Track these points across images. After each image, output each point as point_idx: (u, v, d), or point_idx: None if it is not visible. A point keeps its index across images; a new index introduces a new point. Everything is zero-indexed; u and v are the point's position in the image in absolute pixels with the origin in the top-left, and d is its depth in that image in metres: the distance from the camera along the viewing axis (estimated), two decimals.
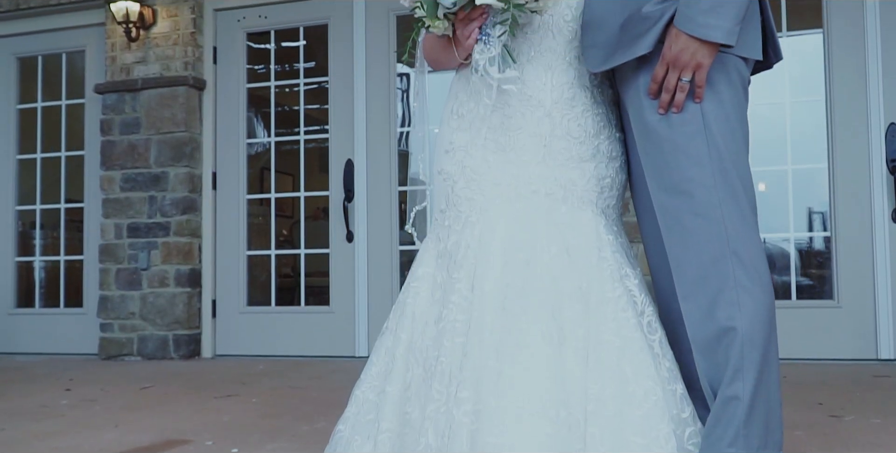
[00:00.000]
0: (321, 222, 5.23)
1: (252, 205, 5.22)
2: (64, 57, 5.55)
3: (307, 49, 5.17)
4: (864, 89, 4.09)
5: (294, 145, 5.14)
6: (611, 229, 1.78)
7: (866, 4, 4.11)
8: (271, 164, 5.20)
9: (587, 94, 1.78)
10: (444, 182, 1.82)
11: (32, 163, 5.62)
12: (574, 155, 1.76)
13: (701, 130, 1.58)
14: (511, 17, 1.56)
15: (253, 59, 5.26)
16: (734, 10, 1.50)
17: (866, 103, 4.09)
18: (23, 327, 5.50)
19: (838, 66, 4.14)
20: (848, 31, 4.14)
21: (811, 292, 4.34)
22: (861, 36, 4.12)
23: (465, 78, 1.83)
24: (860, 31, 4.12)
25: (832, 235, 4.13)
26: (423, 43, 1.83)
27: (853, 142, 4.11)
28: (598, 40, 1.68)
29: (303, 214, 5.16)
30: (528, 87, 1.75)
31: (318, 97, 5.28)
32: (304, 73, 5.12)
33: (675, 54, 1.55)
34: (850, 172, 4.11)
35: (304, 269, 5.07)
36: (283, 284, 5.48)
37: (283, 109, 5.38)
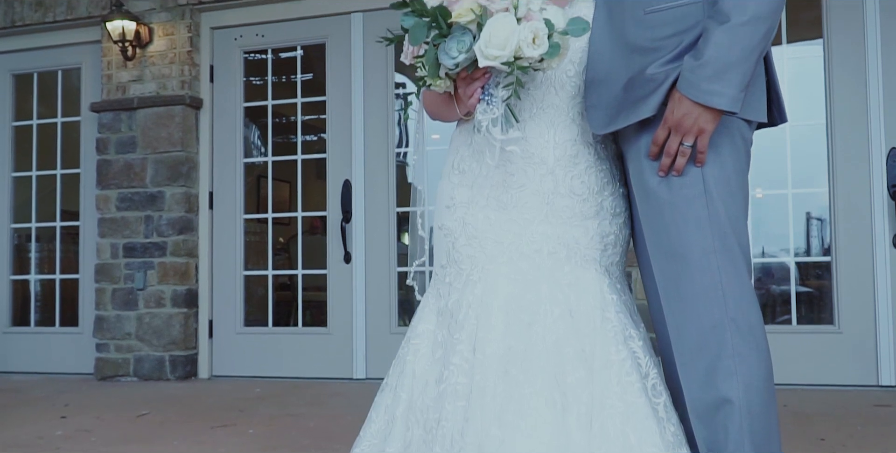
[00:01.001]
0: (318, 237, 5.17)
1: (249, 223, 5.19)
2: (60, 74, 5.52)
3: (304, 68, 5.14)
4: (865, 113, 4.07)
5: (291, 166, 5.10)
6: (614, 288, 1.75)
7: (867, 27, 4.09)
8: (269, 181, 5.15)
9: (590, 151, 1.75)
10: (444, 237, 1.79)
11: (28, 181, 5.59)
12: (577, 212, 1.73)
13: (701, 194, 1.55)
14: (515, 80, 1.53)
15: (249, 78, 5.22)
16: (739, 77, 1.47)
17: (867, 128, 4.07)
18: (18, 346, 5.46)
19: (839, 90, 4.12)
20: (849, 55, 4.12)
21: (811, 317, 4.31)
22: (862, 59, 4.10)
23: (466, 132, 1.80)
24: (861, 55, 4.10)
25: (833, 260, 4.10)
26: (423, 96, 1.80)
27: (854, 166, 4.09)
28: (601, 100, 1.66)
29: (300, 234, 5.12)
30: (530, 145, 1.72)
31: (315, 116, 5.25)
32: (301, 93, 5.09)
33: (678, 119, 1.52)
34: (851, 197, 4.09)
35: (302, 289, 5.04)
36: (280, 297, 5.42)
37: (281, 128, 5.35)
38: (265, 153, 5.17)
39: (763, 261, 4.38)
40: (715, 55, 1.46)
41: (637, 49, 1.62)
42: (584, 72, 1.73)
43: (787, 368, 3.79)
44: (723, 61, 1.46)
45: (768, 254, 4.38)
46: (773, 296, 4.40)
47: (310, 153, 5.15)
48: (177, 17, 5.07)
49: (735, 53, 1.45)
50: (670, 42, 1.58)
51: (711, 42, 1.47)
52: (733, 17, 1.45)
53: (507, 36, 1.49)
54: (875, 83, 4.07)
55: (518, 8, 1.52)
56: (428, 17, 1.56)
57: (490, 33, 1.50)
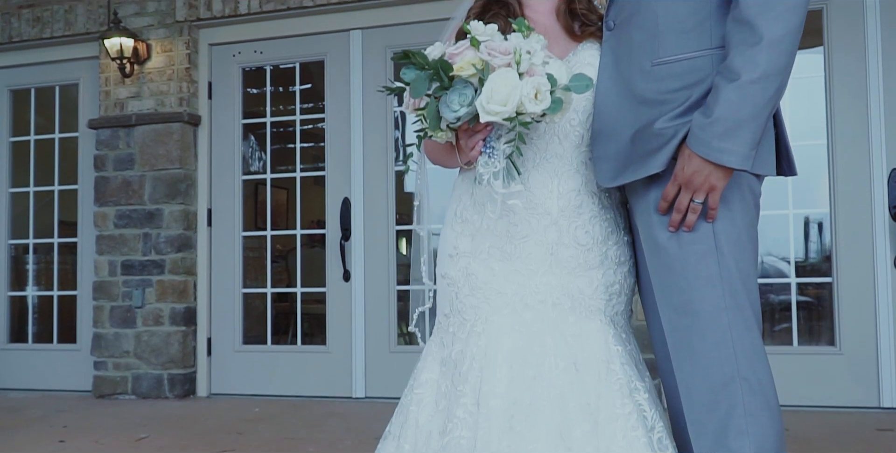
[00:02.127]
0: (317, 250, 5.13)
1: (248, 238, 5.16)
2: (57, 90, 5.50)
3: (303, 84, 5.12)
4: (867, 134, 4.06)
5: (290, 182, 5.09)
6: (619, 338, 1.73)
7: (868, 48, 4.08)
8: (267, 198, 5.13)
9: (595, 201, 1.74)
10: (447, 287, 1.78)
11: (25, 197, 5.56)
12: (582, 262, 1.72)
13: (712, 250, 1.53)
14: (517, 135, 1.51)
15: (248, 95, 5.20)
16: (750, 135, 1.45)
17: (868, 149, 4.06)
18: (15, 363, 5.44)
19: (840, 111, 4.11)
20: (850, 76, 4.10)
21: (812, 338, 4.30)
22: (863, 80, 4.08)
23: (468, 180, 1.78)
24: (862, 75, 4.08)
25: (834, 281, 4.09)
26: (424, 144, 1.79)
27: (855, 187, 4.07)
28: (608, 152, 1.64)
29: (299, 252, 5.09)
30: (534, 195, 1.70)
31: (314, 133, 5.23)
32: (300, 110, 5.07)
33: (688, 176, 1.50)
34: (852, 218, 4.07)
35: (301, 307, 5.02)
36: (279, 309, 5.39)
37: (280, 145, 5.32)
38: (264, 170, 5.14)
39: (763, 281, 4.36)
40: (725, 113, 1.44)
41: (644, 101, 1.60)
42: (589, 120, 1.72)
43: (788, 389, 3.76)
44: (733, 119, 1.44)
45: (768, 274, 4.36)
46: (773, 316, 4.39)
47: (309, 170, 5.13)
48: (175, 33, 5.04)
49: (745, 111, 1.44)
50: (679, 95, 1.56)
51: (721, 99, 1.45)
52: (743, 74, 1.43)
53: (510, 92, 1.47)
54: (876, 104, 4.05)
55: (520, 63, 1.50)
56: (429, 70, 1.54)
57: (492, 89, 1.48)
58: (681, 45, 1.58)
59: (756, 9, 1.43)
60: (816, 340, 4.29)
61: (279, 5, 4.85)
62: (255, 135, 5.27)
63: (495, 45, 1.52)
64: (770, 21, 1.42)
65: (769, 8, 1.43)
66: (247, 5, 4.91)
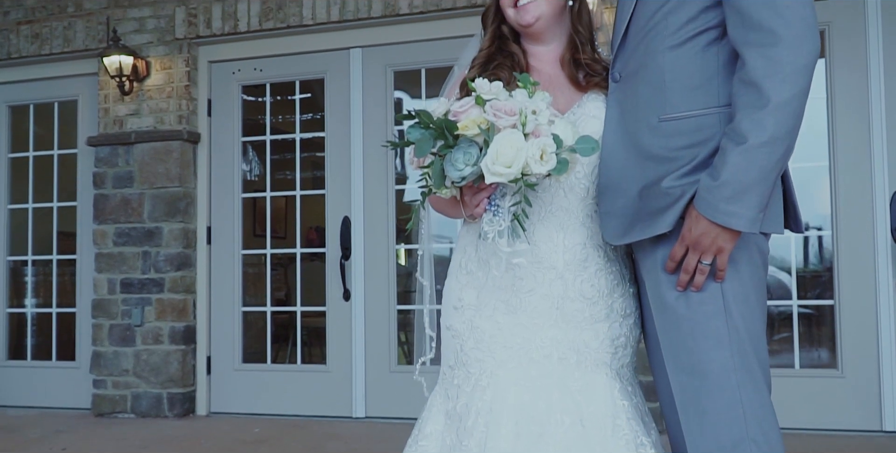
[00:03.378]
0: (318, 263, 5.09)
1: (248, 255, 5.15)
2: (56, 106, 5.47)
3: (303, 102, 5.10)
4: (869, 157, 4.05)
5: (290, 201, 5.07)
6: (625, 392, 1.72)
7: (870, 71, 4.07)
8: (267, 216, 5.12)
9: (600, 254, 1.73)
10: (452, 339, 1.77)
11: (24, 213, 5.54)
12: (587, 316, 1.71)
13: (721, 311, 1.52)
14: (522, 198, 1.50)
15: (248, 112, 5.18)
16: (757, 199, 1.44)
17: (870, 171, 4.04)
18: (14, 380, 5.42)
19: (842, 133, 4.10)
20: (852, 98, 4.09)
21: (814, 361, 4.29)
22: (865, 103, 4.07)
23: (472, 232, 1.77)
24: (864, 98, 4.07)
25: (836, 303, 4.08)
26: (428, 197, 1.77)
27: (856, 210, 4.06)
28: (615, 207, 1.63)
29: (299, 271, 5.07)
30: (539, 249, 1.69)
31: (314, 152, 5.22)
32: (300, 128, 5.05)
33: (696, 238, 1.49)
34: (854, 240, 4.06)
35: (301, 326, 5.00)
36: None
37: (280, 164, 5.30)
38: (264, 188, 5.12)
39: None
40: (732, 177, 1.43)
41: (651, 156, 1.59)
42: (595, 173, 1.71)
43: (790, 412, 3.75)
44: (740, 183, 1.43)
45: (771, 297, 4.35)
46: (775, 339, 4.37)
47: (308, 188, 5.11)
48: (174, 50, 5.03)
49: (753, 175, 1.43)
50: (685, 153, 1.55)
51: (729, 163, 1.44)
52: (751, 137, 1.42)
53: (515, 154, 1.46)
54: (878, 125, 4.04)
55: (526, 124, 1.49)
56: (434, 129, 1.53)
57: (497, 150, 1.47)
58: (688, 101, 1.57)
59: (763, 71, 1.42)
60: (819, 363, 4.27)
61: (279, 23, 4.83)
62: (255, 152, 5.25)
63: (501, 105, 1.50)
64: (777, 83, 1.41)
65: (776, 70, 1.42)
66: (246, 23, 4.89)
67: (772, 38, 1.42)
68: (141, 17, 5.09)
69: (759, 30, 1.44)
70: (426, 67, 4.76)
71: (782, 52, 1.41)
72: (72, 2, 5.24)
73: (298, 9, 4.79)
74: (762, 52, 1.43)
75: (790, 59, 1.41)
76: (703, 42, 1.56)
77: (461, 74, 1.87)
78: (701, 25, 1.56)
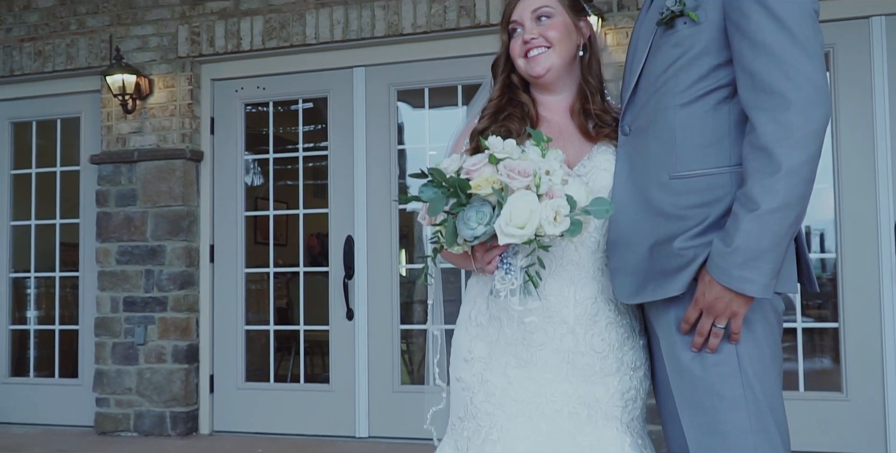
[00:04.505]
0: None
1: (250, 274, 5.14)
2: (59, 123, 5.47)
3: (306, 121, 5.10)
4: (874, 180, 4.04)
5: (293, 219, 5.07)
6: (636, 445, 1.72)
7: (875, 94, 4.07)
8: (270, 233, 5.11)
9: (611, 307, 1.72)
10: (462, 391, 1.76)
11: (27, 230, 5.54)
12: (598, 370, 1.70)
13: (736, 372, 1.52)
14: (537, 259, 1.49)
15: (251, 130, 5.18)
16: (770, 265, 1.44)
17: (875, 194, 4.04)
18: (17, 397, 5.41)
19: (846, 156, 4.09)
20: (857, 120, 4.09)
21: (818, 383, 4.28)
22: (870, 125, 4.07)
23: (482, 283, 1.76)
24: (869, 121, 4.07)
25: (840, 326, 4.07)
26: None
27: (861, 232, 4.06)
28: (626, 264, 1.62)
29: (302, 289, 5.06)
30: (550, 303, 1.68)
31: (317, 170, 5.21)
32: (303, 147, 5.05)
33: (710, 302, 1.49)
34: (859, 263, 4.05)
35: (304, 345, 5.00)
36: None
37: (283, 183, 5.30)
38: (267, 207, 5.12)
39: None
40: (745, 243, 1.43)
41: (661, 213, 1.59)
42: (605, 226, 1.70)
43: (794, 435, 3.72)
44: (753, 249, 1.43)
45: None
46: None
47: (312, 207, 5.11)
48: (177, 68, 5.02)
49: (765, 241, 1.42)
50: (697, 213, 1.54)
51: (741, 230, 1.43)
52: (763, 204, 1.42)
53: (529, 215, 1.46)
54: (883, 147, 4.04)
55: (539, 186, 1.48)
56: (447, 188, 1.53)
57: (511, 212, 1.47)
58: (699, 160, 1.56)
59: (773, 136, 1.42)
60: (823, 386, 4.26)
61: (282, 42, 4.83)
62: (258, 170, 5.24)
63: (514, 165, 1.50)
64: (788, 149, 1.41)
65: (786, 135, 1.41)
66: (249, 42, 4.88)
67: (782, 102, 1.42)
68: (144, 35, 5.09)
69: (770, 93, 1.43)
70: (429, 86, 4.76)
71: (793, 117, 1.41)
72: (75, 19, 5.23)
73: (301, 28, 4.78)
74: (772, 116, 1.42)
75: (800, 125, 1.41)
76: (714, 100, 1.56)
77: (472, 122, 1.87)
78: (712, 84, 1.55)
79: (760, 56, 1.44)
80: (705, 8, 1.53)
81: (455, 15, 4.53)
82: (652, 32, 1.63)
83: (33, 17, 5.33)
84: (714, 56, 1.54)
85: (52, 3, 5.29)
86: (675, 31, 1.57)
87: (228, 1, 4.93)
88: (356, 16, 4.69)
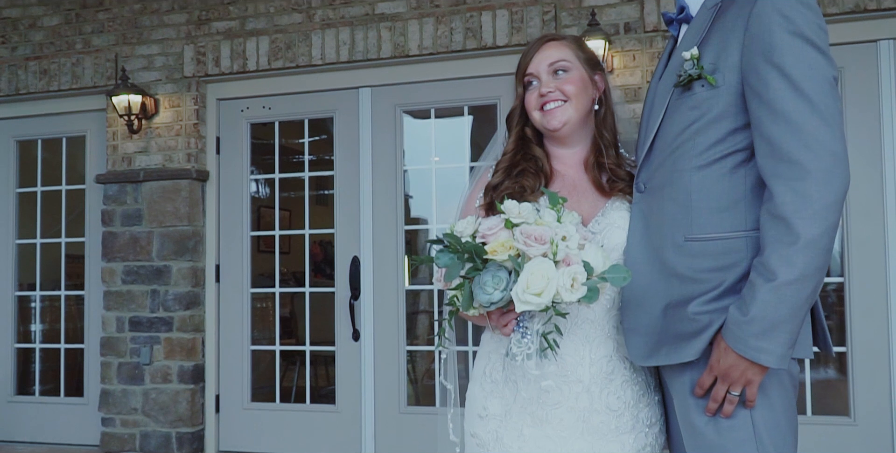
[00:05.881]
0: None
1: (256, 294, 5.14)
2: (64, 141, 5.46)
3: (312, 141, 5.09)
4: (882, 203, 4.03)
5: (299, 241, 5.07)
6: None
7: (883, 118, 4.06)
8: (276, 256, 5.11)
9: (626, 365, 1.72)
10: (477, 447, 1.76)
11: (32, 248, 5.53)
12: (613, 428, 1.70)
13: (751, 438, 1.51)
14: (554, 327, 1.49)
15: (257, 150, 5.17)
16: (787, 335, 1.43)
17: (883, 217, 4.03)
18: (23, 415, 5.41)
19: (854, 180, 4.07)
20: (864, 142, 4.08)
21: (826, 408, 4.27)
22: (878, 146, 4.06)
23: (497, 338, 1.76)
24: (877, 142, 4.06)
25: (848, 350, 4.07)
26: None
27: (869, 256, 4.05)
28: (639, 324, 1.62)
29: (308, 310, 5.05)
30: (565, 363, 1.68)
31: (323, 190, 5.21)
32: (308, 166, 5.04)
33: (725, 370, 1.48)
34: (867, 287, 4.04)
35: (310, 365, 4.99)
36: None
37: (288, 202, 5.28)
38: (273, 226, 5.11)
39: None
40: (762, 313, 1.42)
41: (676, 274, 1.58)
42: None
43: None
44: (770, 320, 1.42)
45: None
46: None
47: (317, 228, 5.10)
48: (183, 88, 5.02)
49: (783, 312, 1.41)
50: (712, 276, 1.54)
51: (758, 299, 1.42)
52: (780, 275, 1.41)
53: (546, 283, 1.45)
54: (892, 172, 4.03)
55: (557, 253, 1.48)
56: (463, 253, 1.52)
57: (528, 280, 1.46)
58: (715, 224, 1.55)
59: (792, 206, 1.41)
60: (831, 410, 4.25)
61: (288, 63, 4.82)
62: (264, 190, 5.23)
63: (530, 231, 1.49)
64: (807, 219, 1.40)
65: (805, 205, 1.40)
66: (255, 62, 4.88)
67: (800, 171, 1.41)
68: (149, 55, 5.08)
69: (789, 162, 1.43)
70: (435, 107, 4.75)
71: (811, 188, 1.40)
72: (80, 38, 5.23)
73: (307, 49, 4.78)
74: (791, 185, 1.42)
75: (819, 195, 1.40)
76: (730, 164, 1.55)
77: (484, 175, 1.86)
78: (729, 147, 1.55)
79: (779, 124, 1.43)
80: (723, 72, 1.52)
81: (461, 37, 4.53)
82: (669, 92, 1.62)
83: (39, 36, 5.33)
84: (732, 120, 1.53)
85: (57, 21, 5.29)
86: (692, 93, 1.56)
87: (234, 21, 4.93)
88: (362, 37, 4.69)
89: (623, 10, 4.27)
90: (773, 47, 1.44)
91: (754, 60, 1.47)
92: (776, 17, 1.44)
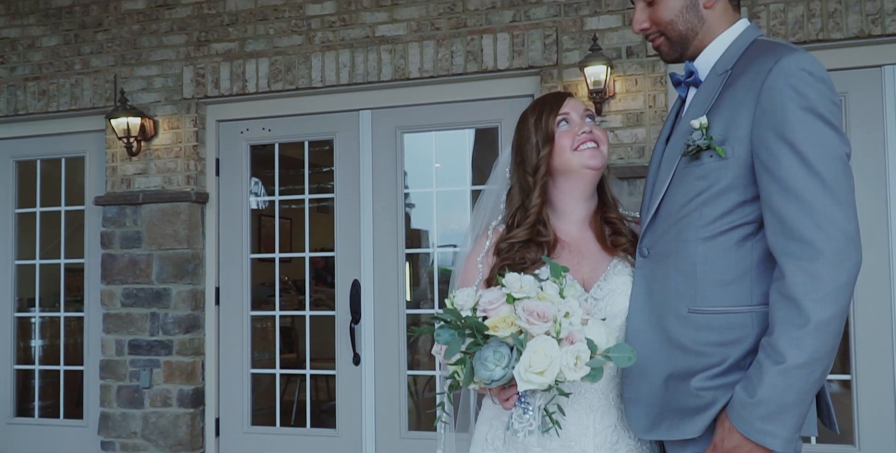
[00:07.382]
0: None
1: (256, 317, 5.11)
2: (63, 162, 5.43)
3: (312, 163, 5.06)
4: (886, 229, 4.00)
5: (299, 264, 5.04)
6: None
7: (888, 144, 4.03)
8: (276, 279, 5.09)
9: (630, 434, 1.69)
10: None
11: (31, 269, 5.50)
12: None
13: None
14: (557, 407, 1.45)
15: (256, 172, 5.14)
16: (794, 419, 1.40)
17: (888, 243, 4.00)
18: (22, 437, 5.38)
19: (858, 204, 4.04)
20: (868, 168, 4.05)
21: (830, 436, 4.23)
22: (882, 172, 4.03)
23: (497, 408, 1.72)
24: (882, 168, 4.03)
25: (853, 379, 4.03)
26: None
27: (873, 282, 4.01)
28: (640, 393, 1.59)
29: (308, 333, 5.03)
30: (569, 433, 1.65)
31: (323, 212, 5.18)
32: (308, 189, 5.01)
33: (729, 450, 1.45)
34: (871, 316, 4.01)
35: (310, 389, 4.96)
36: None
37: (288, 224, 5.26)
38: (272, 249, 5.08)
39: None
40: (769, 396, 1.39)
41: (679, 346, 1.55)
42: None
43: None
44: (777, 403, 1.39)
45: None
46: None
47: (317, 250, 5.07)
48: (182, 110, 4.99)
49: (790, 396, 1.39)
50: (716, 351, 1.51)
51: (766, 382, 1.39)
52: (789, 358, 1.38)
53: (549, 363, 1.42)
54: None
55: (560, 331, 1.44)
56: (464, 329, 1.49)
57: (530, 358, 1.43)
58: (720, 297, 1.52)
59: (803, 287, 1.38)
60: (835, 438, 4.22)
61: (288, 85, 4.79)
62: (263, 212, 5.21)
63: (533, 307, 1.46)
64: (817, 302, 1.37)
65: (816, 288, 1.37)
66: (255, 84, 4.85)
67: (812, 251, 1.38)
68: (148, 76, 5.05)
69: (800, 241, 1.39)
70: (436, 130, 4.72)
71: (823, 269, 1.37)
72: (79, 59, 5.20)
73: (307, 71, 4.75)
74: (802, 265, 1.38)
75: (831, 277, 1.37)
76: (737, 236, 1.52)
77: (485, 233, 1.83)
78: (737, 220, 1.52)
79: (791, 202, 1.40)
80: (732, 143, 1.49)
81: (462, 60, 4.49)
82: (676, 159, 1.59)
83: (37, 57, 5.30)
84: (740, 192, 1.50)
85: (56, 42, 5.26)
86: (700, 163, 1.53)
87: (234, 42, 4.90)
88: (362, 60, 4.66)
89: (625, 34, 4.23)
90: (786, 123, 1.41)
91: (765, 135, 1.44)
92: (789, 92, 1.41)
